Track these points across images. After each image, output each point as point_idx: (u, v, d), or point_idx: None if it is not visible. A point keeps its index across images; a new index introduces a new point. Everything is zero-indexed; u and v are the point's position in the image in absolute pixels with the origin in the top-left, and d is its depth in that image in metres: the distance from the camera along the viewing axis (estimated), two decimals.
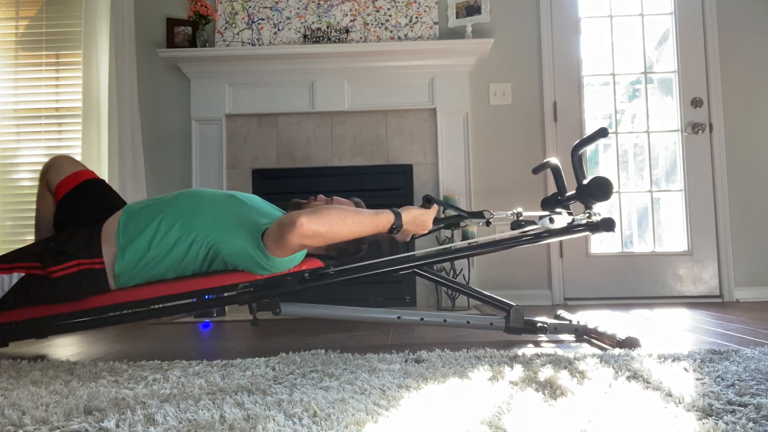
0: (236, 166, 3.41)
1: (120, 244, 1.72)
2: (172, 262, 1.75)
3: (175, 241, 1.73)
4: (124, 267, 1.72)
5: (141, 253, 1.72)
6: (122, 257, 1.72)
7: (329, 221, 1.58)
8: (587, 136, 1.88)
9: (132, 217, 1.77)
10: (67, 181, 1.91)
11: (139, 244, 1.72)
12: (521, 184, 3.41)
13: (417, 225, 1.74)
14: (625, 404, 1.05)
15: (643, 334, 2.05)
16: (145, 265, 1.74)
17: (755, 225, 3.40)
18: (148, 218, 1.75)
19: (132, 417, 1.01)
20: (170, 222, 1.73)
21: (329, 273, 1.86)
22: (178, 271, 1.79)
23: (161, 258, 1.74)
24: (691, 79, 3.47)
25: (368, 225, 1.65)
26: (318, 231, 1.56)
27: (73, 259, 1.69)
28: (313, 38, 3.43)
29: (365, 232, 1.65)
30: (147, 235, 1.72)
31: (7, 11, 3.56)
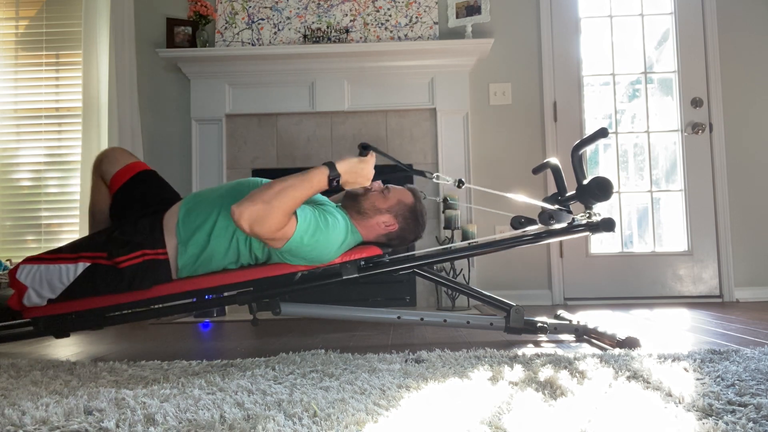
0: (236, 166, 3.41)
1: (181, 237, 1.72)
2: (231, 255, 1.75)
3: (233, 233, 1.72)
4: (187, 260, 1.73)
5: (202, 246, 1.72)
6: (185, 251, 1.72)
7: (260, 198, 1.53)
8: (587, 136, 1.88)
9: (192, 210, 1.76)
10: (122, 173, 1.91)
11: (200, 236, 1.71)
12: (521, 184, 3.40)
13: (357, 174, 1.66)
14: (625, 404, 1.05)
15: (643, 334, 2.05)
16: (205, 257, 1.74)
17: (755, 225, 3.40)
18: (207, 210, 1.74)
19: (132, 417, 1.01)
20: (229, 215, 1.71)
21: (385, 261, 1.86)
22: (237, 263, 1.79)
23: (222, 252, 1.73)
24: (691, 79, 3.47)
25: (303, 183, 1.58)
26: (255, 210, 1.51)
27: (138, 249, 1.69)
28: (313, 38, 3.43)
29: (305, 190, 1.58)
30: (207, 227, 1.72)
31: (7, 11, 3.56)
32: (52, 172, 3.50)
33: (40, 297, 1.70)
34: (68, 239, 3.26)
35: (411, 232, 1.88)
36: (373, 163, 1.70)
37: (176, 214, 1.76)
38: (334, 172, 1.62)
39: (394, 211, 1.83)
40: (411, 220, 1.86)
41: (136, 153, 3.34)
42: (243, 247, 1.74)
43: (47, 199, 3.49)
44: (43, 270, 1.69)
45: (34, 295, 1.69)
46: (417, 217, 1.87)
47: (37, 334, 1.83)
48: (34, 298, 1.70)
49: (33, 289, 1.69)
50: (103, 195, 1.95)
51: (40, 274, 1.68)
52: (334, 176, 1.62)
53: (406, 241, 1.91)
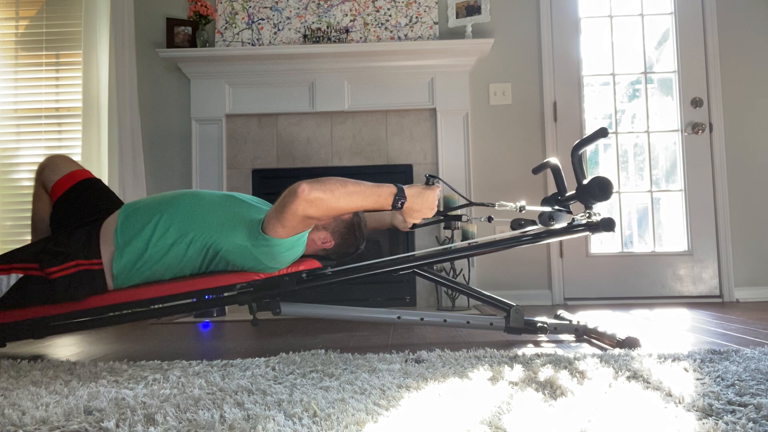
0: (236, 166, 3.41)
1: (118, 244, 1.72)
2: (170, 263, 1.75)
3: (173, 241, 1.73)
4: (122, 267, 1.72)
5: (139, 252, 1.72)
6: (120, 257, 1.72)
7: (330, 187, 1.56)
8: (587, 136, 1.88)
9: (130, 216, 1.76)
10: (63, 181, 1.90)
11: (137, 243, 1.72)
12: (521, 184, 3.41)
13: (422, 202, 1.66)
14: (625, 404, 1.05)
15: (643, 334, 2.05)
16: (142, 265, 1.74)
17: (755, 225, 3.40)
18: (146, 217, 1.75)
19: (132, 417, 1.01)
20: (168, 221, 1.73)
21: (327, 273, 1.86)
22: (176, 271, 1.79)
23: (159, 258, 1.74)
24: (691, 79, 3.47)
25: (370, 195, 1.60)
26: (320, 197, 1.54)
27: (71, 260, 1.69)
28: (313, 38, 3.43)
29: (367, 202, 1.60)
30: (145, 234, 1.72)
31: (7, 11, 3.56)
32: None
33: None
34: None
35: (349, 246, 1.90)
36: (438, 195, 1.71)
37: (114, 222, 1.76)
38: (401, 194, 1.63)
39: (330, 228, 1.84)
40: (348, 236, 1.87)
41: (137, 153, 3.34)
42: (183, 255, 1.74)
43: None
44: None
45: None
46: (354, 232, 1.87)
47: None
48: None
49: None
50: (44, 203, 1.94)
51: None
52: (400, 198, 1.63)
53: (346, 255, 1.93)
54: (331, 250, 1.88)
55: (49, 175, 1.92)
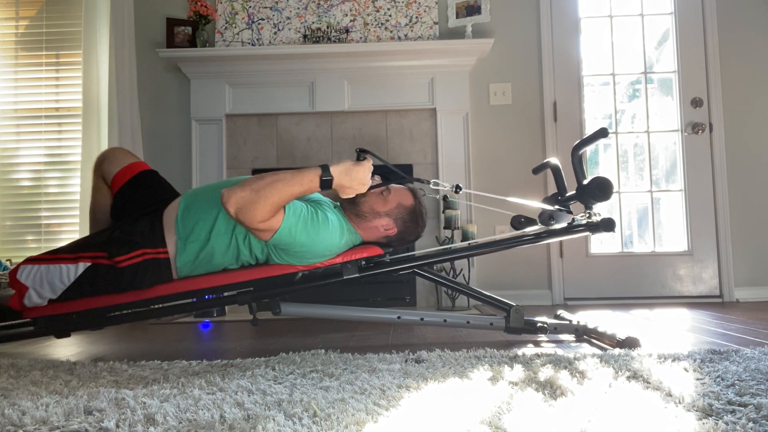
0: (236, 166, 3.41)
1: (180, 234, 1.72)
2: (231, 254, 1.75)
3: (233, 231, 1.72)
4: (186, 259, 1.72)
5: (201, 243, 1.71)
6: (184, 248, 1.72)
7: (249, 186, 1.55)
8: (587, 136, 1.88)
9: (190, 205, 1.75)
10: (123, 173, 1.91)
11: (199, 233, 1.71)
12: (521, 184, 3.40)
13: (351, 178, 1.64)
14: (625, 404, 1.05)
15: (643, 334, 2.05)
16: (205, 255, 1.73)
17: (755, 225, 3.40)
18: (208, 206, 1.73)
19: (132, 417, 1.01)
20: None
21: (386, 261, 1.86)
22: (237, 262, 1.78)
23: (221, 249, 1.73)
24: (691, 79, 3.47)
25: (294, 181, 1.58)
26: (242, 196, 1.53)
27: (138, 249, 1.69)
28: (313, 38, 3.43)
29: (294, 188, 1.58)
30: (206, 224, 1.71)
31: (7, 11, 3.56)
32: (52, 172, 3.50)
33: (40, 297, 1.70)
34: (68, 239, 3.26)
35: (411, 233, 1.88)
36: (369, 169, 1.68)
37: (175, 211, 1.76)
38: (326, 174, 1.61)
39: (393, 215, 1.82)
40: (410, 223, 1.85)
41: (136, 153, 3.33)
42: (243, 245, 1.74)
43: (47, 199, 3.49)
44: (44, 270, 1.69)
45: (35, 295, 1.69)
46: (416, 219, 1.86)
47: (37, 334, 1.83)
48: (34, 299, 1.70)
49: (34, 290, 1.69)
50: (104, 195, 1.95)
51: (41, 275, 1.68)
52: (326, 178, 1.61)
53: (406, 242, 1.91)
54: (393, 237, 1.85)
55: (108, 167, 1.93)
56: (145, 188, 1.91)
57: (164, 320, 2.82)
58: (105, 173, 1.93)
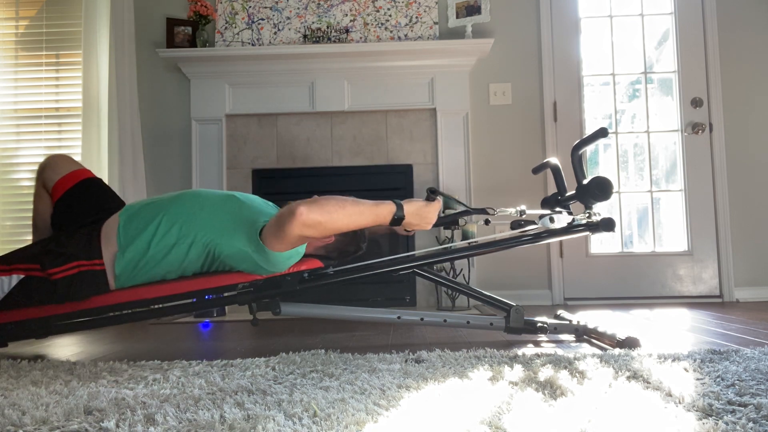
0: (236, 166, 3.41)
1: (121, 244, 1.72)
2: (172, 263, 1.75)
3: (174, 241, 1.73)
4: (124, 267, 1.73)
5: (141, 252, 1.72)
6: (122, 257, 1.72)
7: (328, 209, 1.56)
8: (587, 136, 1.88)
9: (132, 217, 1.77)
10: (64, 181, 1.90)
11: (139, 243, 1.72)
12: (521, 184, 3.41)
13: (420, 218, 1.67)
14: (625, 404, 1.05)
15: (643, 334, 2.05)
16: (144, 265, 1.74)
17: (755, 225, 3.40)
18: (148, 218, 1.75)
19: (132, 417, 1.01)
20: (170, 222, 1.73)
21: (328, 273, 1.86)
22: (179, 271, 1.79)
23: (161, 258, 1.74)
24: (691, 79, 3.47)
25: (368, 215, 1.61)
26: (317, 219, 1.54)
27: (72, 261, 1.69)
28: (313, 38, 3.43)
29: (365, 221, 1.61)
30: (147, 234, 1.72)
31: (7, 11, 3.56)
32: None
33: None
34: None
35: (349, 244, 1.89)
36: (438, 209, 1.70)
37: (116, 222, 1.76)
38: (400, 212, 1.63)
39: None
40: (349, 233, 1.86)
41: (136, 153, 3.34)
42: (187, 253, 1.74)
43: None
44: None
45: None
46: (355, 231, 1.87)
47: None
48: None
49: None
50: (45, 203, 1.93)
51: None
52: (398, 216, 1.63)
53: (347, 253, 1.92)
54: (331, 246, 1.88)
55: (50, 174, 1.91)
56: (86, 197, 1.90)
57: (164, 320, 2.82)
58: (46, 181, 1.92)
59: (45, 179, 1.92)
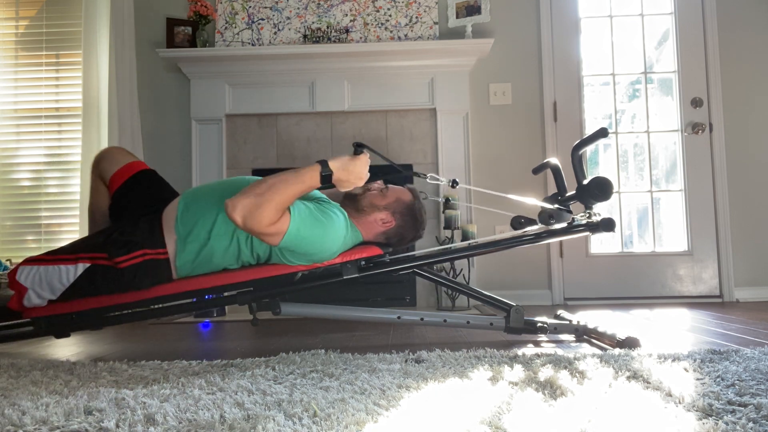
0: (236, 166, 3.41)
1: (180, 234, 1.71)
2: (232, 254, 1.74)
3: (233, 231, 1.71)
4: (185, 259, 1.72)
5: (201, 243, 1.71)
6: (183, 248, 1.71)
7: (252, 192, 1.54)
8: (587, 136, 1.88)
9: (190, 205, 1.74)
10: (121, 173, 1.90)
11: (198, 233, 1.70)
12: (521, 184, 3.40)
13: (349, 172, 1.65)
14: (625, 404, 1.05)
15: (643, 334, 2.05)
16: (205, 255, 1.72)
17: (755, 225, 3.40)
18: (207, 206, 1.72)
19: (132, 417, 1.01)
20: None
21: (386, 261, 1.86)
22: (237, 262, 1.78)
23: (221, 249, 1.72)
24: (691, 79, 3.47)
25: (295, 180, 1.59)
26: (246, 203, 1.52)
27: (138, 249, 1.68)
28: (313, 38, 3.43)
29: (296, 187, 1.59)
30: (206, 223, 1.70)
31: (7, 11, 3.56)
32: (52, 172, 3.50)
33: (40, 298, 1.70)
34: (68, 239, 3.26)
35: (410, 230, 1.88)
36: (366, 162, 1.68)
37: (175, 210, 1.75)
38: (326, 169, 1.62)
39: (391, 209, 1.83)
40: (409, 218, 1.86)
41: (136, 153, 3.34)
42: (244, 245, 1.73)
43: (47, 199, 3.49)
44: (43, 271, 1.68)
45: (34, 296, 1.69)
46: (415, 215, 1.87)
47: (37, 334, 1.83)
48: (34, 299, 1.70)
49: (33, 290, 1.68)
50: (103, 195, 1.94)
51: (40, 276, 1.68)
52: (326, 173, 1.62)
53: (405, 240, 1.91)
54: (391, 231, 1.85)
55: (106, 166, 1.92)
56: (143, 188, 1.90)
57: (164, 320, 2.82)
58: (103, 173, 1.92)
59: (101, 171, 1.92)
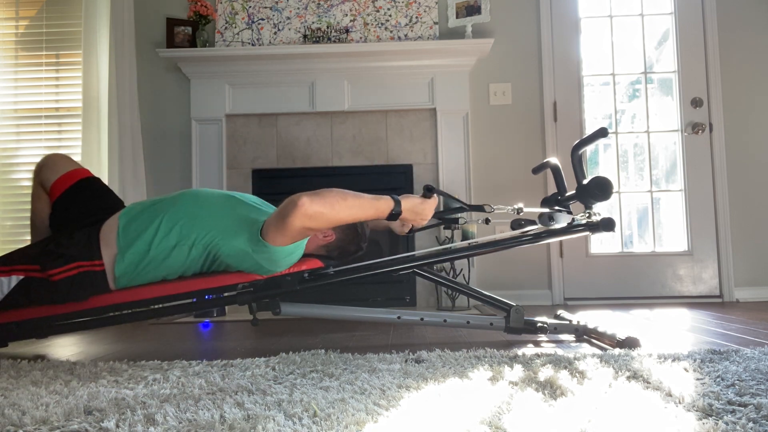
0: (236, 166, 3.41)
1: (120, 246, 1.72)
2: (173, 264, 1.75)
3: (175, 242, 1.73)
4: (125, 269, 1.72)
5: (141, 254, 1.72)
6: (122, 259, 1.72)
7: (330, 201, 1.57)
8: (587, 136, 1.88)
9: (132, 219, 1.76)
10: (62, 181, 1.88)
11: (140, 245, 1.72)
12: (521, 184, 3.41)
13: (416, 214, 1.69)
14: (625, 404, 1.05)
15: (643, 334, 2.05)
16: (145, 266, 1.74)
17: (755, 225, 3.40)
18: (148, 220, 1.74)
19: (132, 417, 1.01)
20: (170, 223, 1.73)
21: (329, 273, 1.86)
22: (179, 272, 1.79)
23: (162, 260, 1.74)
24: (691, 79, 3.47)
25: (368, 208, 1.62)
26: (320, 211, 1.55)
27: (72, 262, 1.68)
28: (313, 38, 3.43)
29: (365, 214, 1.63)
30: (147, 236, 1.72)
31: (7, 11, 3.56)
32: None
33: None
34: None
35: (350, 242, 1.89)
36: (434, 206, 1.72)
37: (116, 225, 1.75)
38: (398, 207, 1.65)
39: None
40: (350, 231, 1.87)
41: (136, 153, 3.34)
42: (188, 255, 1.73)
43: None
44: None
45: None
46: (355, 228, 1.88)
47: None
48: None
49: None
50: (43, 203, 1.92)
51: None
52: (396, 212, 1.65)
53: (347, 253, 1.92)
54: (332, 245, 1.87)
55: (47, 174, 1.90)
56: (84, 197, 1.89)
57: (164, 320, 2.82)
58: (44, 181, 1.90)
59: (42, 179, 1.91)
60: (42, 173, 1.91)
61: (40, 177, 1.92)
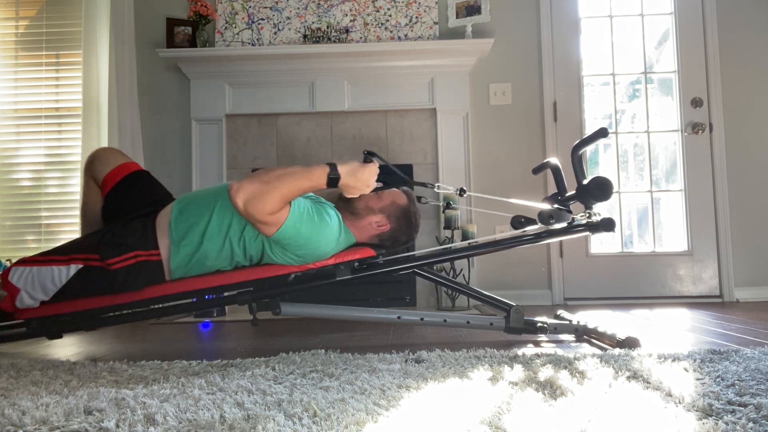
0: (236, 166, 3.41)
1: (173, 238, 1.72)
2: (224, 257, 1.75)
3: (226, 233, 1.72)
4: (179, 262, 1.73)
5: (194, 247, 1.72)
6: (177, 252, 1.72)
7: (259, 178, 1.59)
8: (587, 136, 1.88)
9: (183, 210, 1.76)
10: (113, 174, 1.90)
11: (192, 237, 1.71)
12: (521, 184, 3.40)
13: (357, 179, 1.68)
14: (625, 404, 1.05)
15: (643, 334, 2.05)
16: (198, 259, 1.73)
17: (755, 225, 3.40)
18: (200, 210, 1.74)
19: (132, 417, 1.01)
20: (221, 217, 1.72)
21: (379, 262, 1.86)
22: (230, 265, 1.78)
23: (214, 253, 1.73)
24: (691, 79, 3.47)
25: (302, 176, 1.62)
26: (252, 189, 1.57)
27: (131, 251, 1.69)
28: (313, 38, 3.43)
29: (302, 184, 1.62)
30: (200, 228, 1.71)
31: (7, 11, 3.56)
32: (52, 172, 3.50)
33: (32, 299, 1.70)
34: (68, 239, 3.25)
35: (403, 233, 1.88)
36: (375, 172, 1.71)
37: (168, 215, 1.76)
38: (335, 172, 1.64)
39: (386, 212, 1.84)
40: (403, 221, 1.86)
41: (137, 153, 3.34)
42: (237, 247, 1.74)
43: (47, 199, 3.49)
44: (36, 272, 1.68)
45: (27, 297, 1.69)
46: (409, 219, 1.87)
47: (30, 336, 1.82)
48: (26, 300, 1.70)
49: (25, 291, 1.68)
50: (95, 196, 1.94)
51: (33, 276, 1.68)
52: (334, 176, 1.64)
53: (398, 243, 1.91)
54: (385, 234, 1.86)
55: (99, 167, 1.92)
56: (136, 189, 1.91)
57: (164, 320, 2.82)
58: (95, 174, 1.92)
59: (94, 172, 1.93)
60: (93, 166, 1.93)
61: (92, 170, 1.93)
